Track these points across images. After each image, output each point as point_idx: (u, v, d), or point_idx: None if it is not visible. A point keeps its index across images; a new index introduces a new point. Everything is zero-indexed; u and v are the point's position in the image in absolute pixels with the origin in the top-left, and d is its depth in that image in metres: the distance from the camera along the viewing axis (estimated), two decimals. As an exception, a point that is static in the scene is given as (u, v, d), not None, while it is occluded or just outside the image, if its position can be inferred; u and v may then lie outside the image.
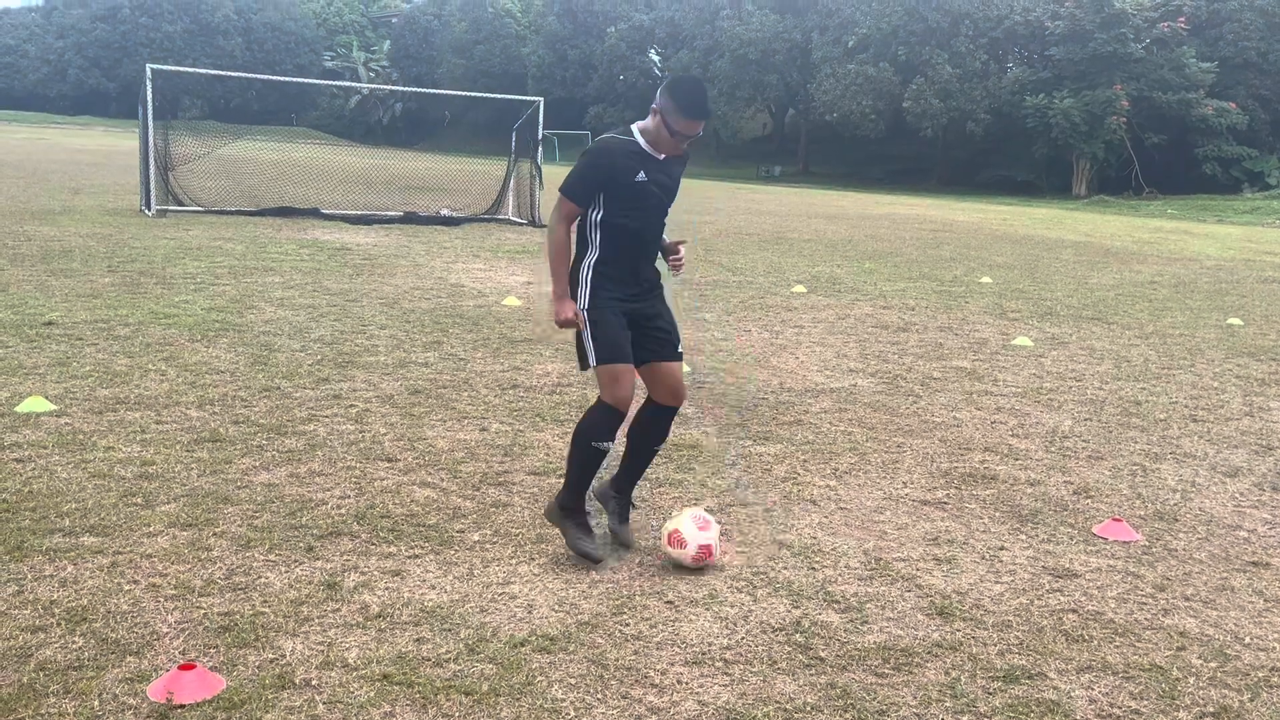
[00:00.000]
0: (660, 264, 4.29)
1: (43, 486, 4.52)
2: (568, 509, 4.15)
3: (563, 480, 4.25)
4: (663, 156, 4.10)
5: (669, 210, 4.27)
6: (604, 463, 4.17)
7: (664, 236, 4.30)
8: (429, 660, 3.26)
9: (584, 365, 4.10)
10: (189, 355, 7.11)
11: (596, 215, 4.09)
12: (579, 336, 4.10)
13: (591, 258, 4.10)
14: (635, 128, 4.11)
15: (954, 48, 54.13)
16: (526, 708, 3.03)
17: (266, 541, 4.08)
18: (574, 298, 4.08)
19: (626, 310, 4.11)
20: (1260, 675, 3.49)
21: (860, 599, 3.89)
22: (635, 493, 4.51)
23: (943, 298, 12.42)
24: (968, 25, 54.09)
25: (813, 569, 4.15)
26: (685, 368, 7.41)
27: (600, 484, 4.45)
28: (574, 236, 4.19)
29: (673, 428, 5.99)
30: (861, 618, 3.74)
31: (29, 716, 2.85)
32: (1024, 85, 52.27)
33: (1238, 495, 5.43)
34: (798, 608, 3.79)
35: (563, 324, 4.06)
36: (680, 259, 4.28)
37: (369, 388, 6.54)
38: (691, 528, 4.00)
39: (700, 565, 4.03)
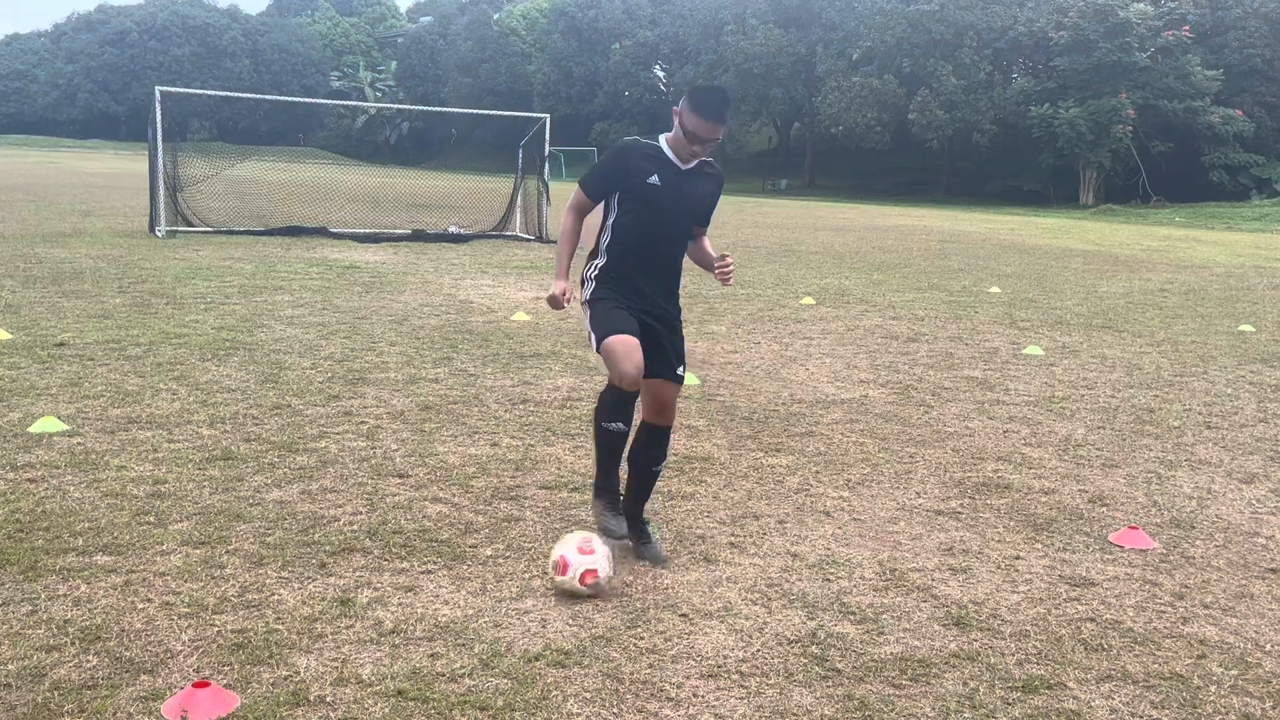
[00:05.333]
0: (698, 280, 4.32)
1: (56, 506, 4.53)
2: (597, 487, 4.31)
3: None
4: (686, 167, 4.12)
5: (700, 226, 4.30)
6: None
7: (710, 253, 4.32)
8: (443, 676, 3.24)
9: (597, 349, 4.17)
10: (200, 374, 7.12)
11: (610, 218, 4.20)
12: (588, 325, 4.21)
13: (599, 262, 4.23)
14: (662, 136, 4.19)
15: (958, 59, 54.21)
16: (542, 722, 3.01)
17: (279, 558, 4.08)
18: (581, 293, 4.24)
19: (634, 311, 4.16)
20: (1282, 683, 3.45)
21: (876, 610, 3.86)
22: (649, 507, 4.49)
23: (952, 308, 12.39)
24: (971, 36, 54.19)
25: (827, 580, 4.12)
26: (690, 381, 7.39)
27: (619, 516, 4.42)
28: (593, 236, 4.30)
29: (679, 442, 5.97)
30: (877, 629, 3.71)
31: (44, 736, 2.84)
32: (1029, 95, 52.30)
33: (1254, 502, 5.39)
34: (813, 619, 3.76)
35: (550, 300, 4.23)
36: (727, 269, 4.20)
37: (380, 404, 6.54)
38: (574, 553, 3.83)
39: (590, 589, 3.82)
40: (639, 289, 4.18)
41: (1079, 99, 48.86)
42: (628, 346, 4.00)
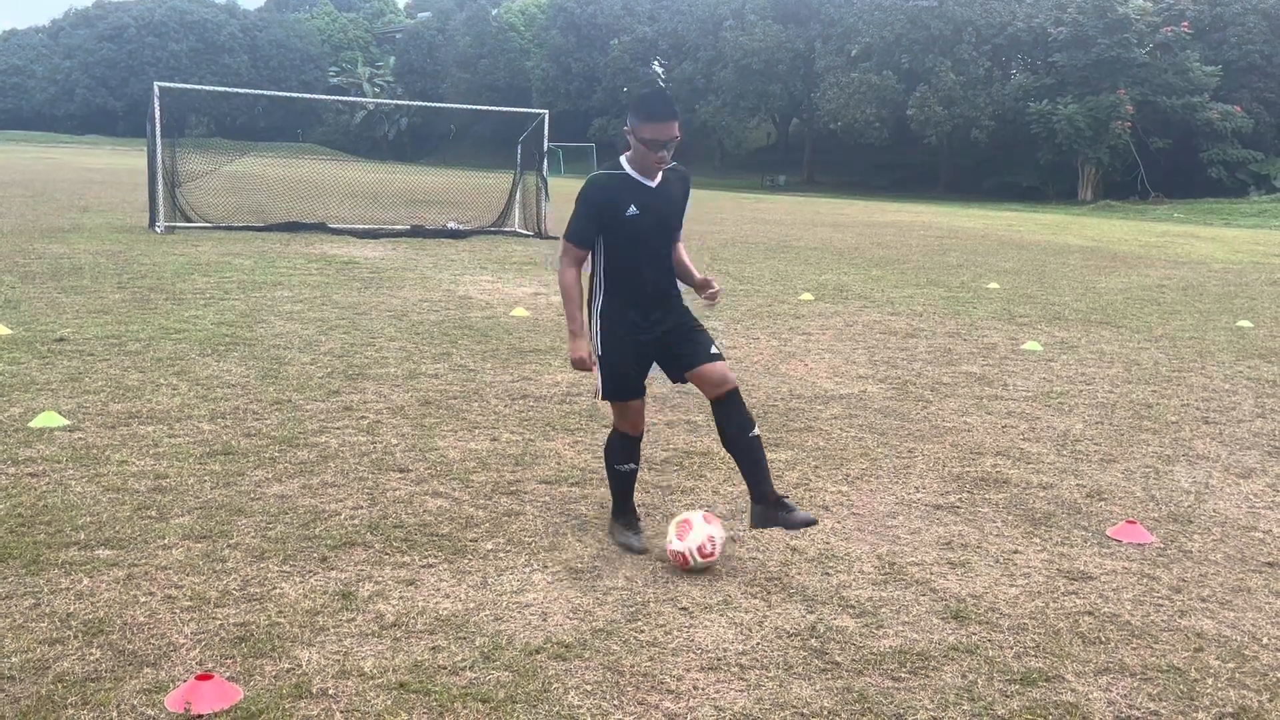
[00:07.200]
0: (682, 287, 4.33)
1: (57, 500, 4.54)
2: (615, 513, 4.46)
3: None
4: (654, 183, 4.13)
5: (678, 229, 4.31)
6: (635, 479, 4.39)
7: (693, 273, 4.32)
8: (445, 668, 3.26)
9: (602, 399, 4.34)
10: (200, 369, 7.13)
11: (599, 254, 4.19)
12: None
13: (599, 300, 4.23)
14: (623, 158, 4.18)
15: (957, 55, 54.21)
16: (543, 715, 3.03)
17: (280, 552, 4.09)
18: (589, 338, 4.24)
19: (644, 342, 4.20)
20: (1279, 675, 3.47)
21: (875, 603, 3.88)
22: (646, 498, 4.51)
23: (950, 304, 12.40)
24: (970, 32, 54.19)
25: (827, 574, 4.14)
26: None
27: (753, 509, 4.21)
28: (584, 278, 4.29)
29: (678, 436, 5.99)
30: (876, 622, 3.73)
31: (48, 728, 2.86)
32: (1028, 91, 52.32)
33: (1252, 496, 5.41)
34: (812, 613, 3.78)
35: (575, 364, 4.19)
36: (714, 295, 4.22)
37: (379, 399, 6.55)
38: (679, 542, 4.08)
39: (694, 565, 4.08)
40: (644, 314, 4.19)
41: (1078, 95, 48.88)
42: (635, 410, 4.28)
